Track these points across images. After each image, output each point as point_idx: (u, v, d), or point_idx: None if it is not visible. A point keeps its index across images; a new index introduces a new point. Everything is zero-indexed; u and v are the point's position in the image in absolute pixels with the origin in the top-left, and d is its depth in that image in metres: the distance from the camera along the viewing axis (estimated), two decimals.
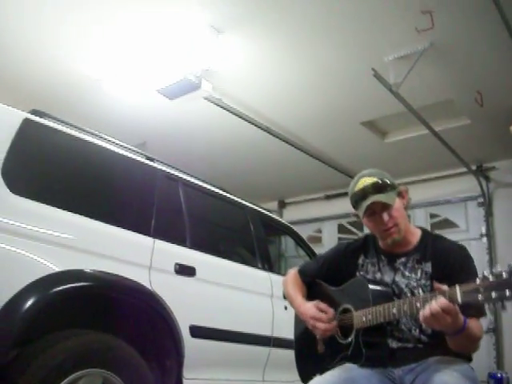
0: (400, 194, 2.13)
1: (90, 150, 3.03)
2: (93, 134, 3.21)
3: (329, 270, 2.31)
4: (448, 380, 1.70)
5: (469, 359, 1.97)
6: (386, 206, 2.05)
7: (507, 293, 1.54)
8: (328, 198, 7.96)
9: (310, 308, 2.16)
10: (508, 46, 4.01)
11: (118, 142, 3.37)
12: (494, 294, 1.57)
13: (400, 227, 2.06)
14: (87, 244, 2.69)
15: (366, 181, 2.09)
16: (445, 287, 1.70)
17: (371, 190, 2.06)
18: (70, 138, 2.94)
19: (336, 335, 2.12)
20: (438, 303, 1.67)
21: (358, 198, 2.09)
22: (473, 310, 1.77)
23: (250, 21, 4.19)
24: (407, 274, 2.07)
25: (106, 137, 3.32)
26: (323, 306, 2.14)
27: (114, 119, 5.66)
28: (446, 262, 2.01)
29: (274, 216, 4.77)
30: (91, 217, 2.77)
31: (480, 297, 1.59)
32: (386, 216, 2.05)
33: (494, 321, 6.05)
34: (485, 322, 5.94)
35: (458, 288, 1.65)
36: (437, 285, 1.73)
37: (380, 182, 2.08)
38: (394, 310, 1.86)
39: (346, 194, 6.92)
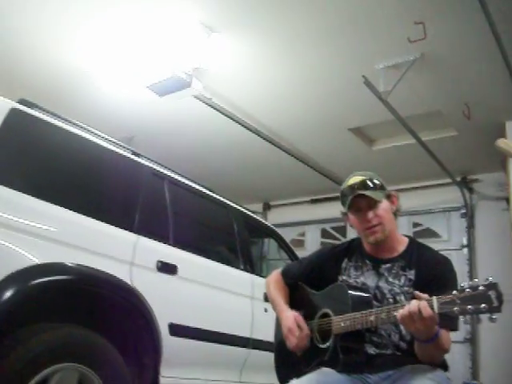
0: (389, 198, 2.14)
1: (76, 143, 3.01)
2: (80, 126, 3.18)
3: (312, 273, 2.31)
4: None
5: (445, 369, 1.99)
6: (371, 204, 2.06)
7: (482, 306, 1.56)
8: (313, 202, 7.98)
9: (290, 319, 2.16)
10: (497, 61, 4.05)
11: (105, 135, 3.35)
12: (469, 307, 1.58)
13: (384, 227, 2.07)
14: (69, 237, 2.67)
15: (356, 178, 2.12)
16: (424, 295, 1.71)
17: (359, 186, 2.08)
18: (57, 130, 2.92)
19: (314, 339, 2.13)
20: (418, 303, 1.69)
21: (345, 194, 2.11)
22: (447, 321, 1.79)
23: (243, 22, 4.19)
24: (391, 280, 2.08)
25: (94, 130, 3.29)
26: (301, 322, 2.15)
27: (103, 113, 5.63)
28: (429, 271, 2.02)
29: (258, 218, 4.77)
30: (74, 210, 2.75)
31: (456, 309, 1.61)
32: (370, 213, 2.06)
33: (471, 331, 6.11)
34: (461, 332, 6.00)
35: (435, 299, 1.67)
36: (417, 293, 1.74)
37: (369, 180, 2.10)
38: (372, 318, 1.87)
39: (330, 198, 6.93)
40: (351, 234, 7.05)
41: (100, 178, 3.09)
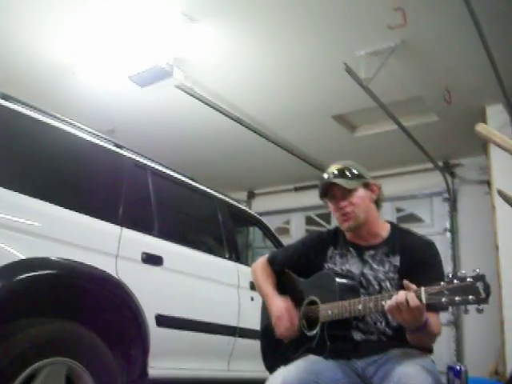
0: (368, 186, 2.17)
1: (56, 136, 2.98)
2: (60, 119, 3.15)
3: (298, 260, 2.32)
4: (409, 372, 1.73)
5: (430, 351, 2.02)
6: (345, 192, 2.10)
7: (470, 298, 1.59)
8: (297, 189, 8.00)
9: (280, 307, 2.19)
10: (477, 46, 4.07)
11: (86, 128, 3.31)
12: (457, 298, 1.62)
13: (357, 215, 2.10)
14: (53, 231, 2.65)
15: (332, 167, 2.17)
16: (413, 286, 1.73)
17: (333, 174, 2.13)
18: (37, 123, 2.88)
19: (302, 326, 2.15)
20: (405, 293, 1.71)
21: (319, 182, 2.17)
22: (435, 305, 1.81)
23: (224, 11, 4.16)
24: (375, 266, 2.10)
25: (75, 123, 3.26)
26: (292, 310, 2.17)
27: (84, 105, 5.58)
28: (414, 256, 2.05)
29: (242, 206, 4.78)
30: (58, 204, 2.73)
31: (444, 300, 1.64)
32: (343, 201, 2.11)
33: (455, 314, 6.20)
34: (446, 315, 6.08)
35: (423, 289, 1.70)
36: (406, 282, 1.77)
37: (345, 169, 2.14)
38: (360, 307, 1.90)
39: (314, 186, 6.96)
40: (335, 221, 7.09)
41: (82, 171, 3.07)
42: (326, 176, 2.16)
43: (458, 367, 1.88)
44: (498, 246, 5.01)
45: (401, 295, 1.72)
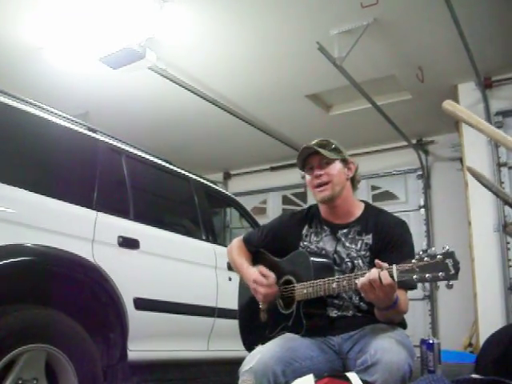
0: (346, 162, 2.20)
1: (28, 121, 2.92)
2: (31, 103, 3.10)
3: (273, 240, 2.34)
4: (385, 345, 1.77)
5: (404, 326, 2.07)
6: (323, 163, 2.13)
7: (440, 274, 1.63)
8: (273, 169, 8.04)
9: (254, 272, 2.20)
10: (449, 25, 4.11)
11: (57, 112, 3.27)
12: (428, 275, 1.66)
13: (333, 187, 2.12)
14: (27, 218, 2.62)
15: (314, 141, 2.20)
16: (384, 264, 1.77)
17: (314, 145, 2.15)
18: (7, 108, 2.82)
19: (278, 305, 2.18)
20: (377, 271, 1.75)
21: (300, 153, 2.18)
22: (406, 282, 1.85)
23: None
24: (348, 244, 2.13)
25: (46, 107, 3.20)
26: (265, 271, 2.18)
27: (55, 88, 5.48)
28: (386, 235, 2.09)
29: (218, 188, 4.78)
30: (31, 190, 2.70)
31: (415, 277, 1.68)
32: (321, 171, 2.13)
33: (429, 288, 6.32)
34: (421, 290, 6.21)
35: (394, 267, 1.73)
36: (377, 261, 1.80)
37: (325, 141, 2.18)
38: (334, 285, 1.93)
39: (290, 165, 6.99)
40: (311, 199, 7.14)
41: (56, 157, 3.03)
42: (304, 147, 2.16)
43: (430, 340, 1.92)
44: (471, 221, 5.11)
45: (373, 273, 1.76)
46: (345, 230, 2.17)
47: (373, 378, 1.70)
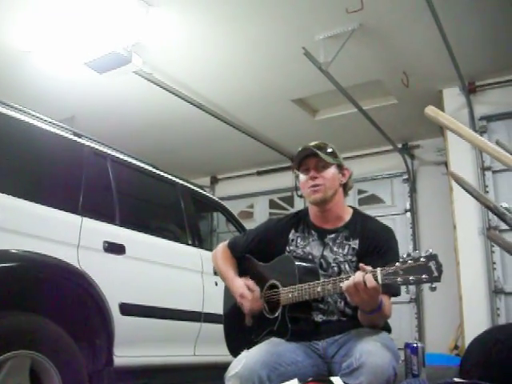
0: (341, 168, 2.23)
1: (12, 126, 2.91)
2: (16, 108, 3.08)
3: (259, 245, 2.35)
4: (370, 349, 1.79)
5: (388, 331, 2.09)
6: (319, 166, 2.15)
7: (423, 277, 1.66)
8: (260, 173, 8.05)
9: (240, 286, 2.21)
10: (433, 30, 4.15)
11: (42, 117, 3.25)
12: (411, 278, 1.68)
13: (326, 190, 2.15)
14: (12, 224, 2.61)
15: (312, 143, 2.22)
16: (368, 268, 1.79)
17: (314, 147, 2.17)
18: None
19: (263, 310, 2.19)
20: (362, 274, 1.77)
21: (298, 153, 2.19)
22: (389, 287, 1.88)
23: None
24: (335, 249, 2.15)
25: (31, 111, 3.19)
26: (251, 284, 2.20)
27: (41, 93, 5.45)
28: (372, 240, 2.12)
29: (204, 192, 4.77)
30: (16, 195, 2.68)
31: (399, 279, 1.71)
32: (316, 173, 2.15)
33: (416, 292, 6.36)
34: (406, 294, 6.22)
35: (379, 270, 1.76)
36: (361, 265, 1.82)
37: (324, 145, 2.21)
38: (319, 289, 1.95)
39: (277, 170, 7.00)
40: (299, 203, 7.17)
41: (41, 162, 3.01)
42: (303, 148, 2.19)
43: (414, 344, 1.94)
44: (456, 225, 5.15)
45: (358, 276, 1.78)
46: (333, 235, 2.19)
47: (358, 381, 1.72)
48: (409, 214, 6.81)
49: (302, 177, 2.21)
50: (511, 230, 2.18)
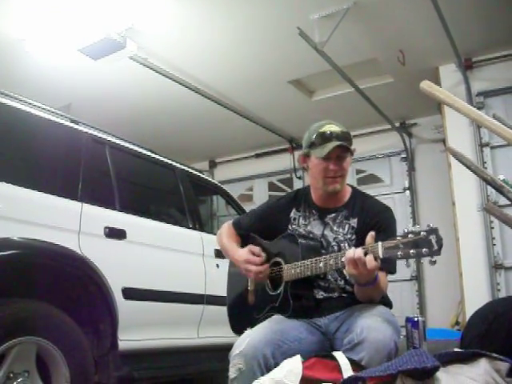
0: (352, 154, 2.21)
1: (10, 115, 2.91)
2: (12, 97, 3.08)
3: (261, 224, 2.36)
4: (371, 324, 1.81)
5: (390, 306, 2.11)
6: (341, 156, 2.13)
7: (424, 250, 1.67)
8: (258, 156, 8.04)
9: (244, 252, 2.23)
10: (428, 7, 4.12)
11: (40, 105, 3.25)
12: (412, 251, 1.69)
13: (344, 180, 2.17)
14: (13, 212, 2.63)
15: (334, 127, 2.16)
16: (370, 241, 1.82)
17: (340, 135, 2.13)
18: None
19: (266, 287, 2.21)
20: (363, 249, 1.80)
21: (324, 138, 2.12)
22: (386, 264, 1.90)
23: None
24: (335, 228, 2.17)
25: (28, 100, 3.19)
26: (256, 249, 2.22)
27: (37, 81, 5.42)
28: (370, 219, 2.13)
29: (203, 176, 4.79)
30: (16, 184, 2.69)
31: (399, 253, 1.72)
32: (338, 164, 2.13)
33: (417, 269, 6.40)
34: (408, 271, 6.27)
35: (380, 244, 1.77)
36: (367, 239, 1.84)
37: (348, 135, 2.16)
38: (321, 264, 1.97)
39: (275, 152, 6.97)
40: (298, 185, 7.18)
41: (39, 150, 3.03)
42: (331, 133, 2.12)
43: (415, 319, 1.96)
44: (455, 201, 5.16)
45: (358, 252, 1.81)
46: (333, 215, 2.20)
47: (359, 356, 1.74)
48: (408, 192, 6.81)
49: (319, 161, 2.14)
50: (510, 204, 2.19)
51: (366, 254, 1.80)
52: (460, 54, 4.94)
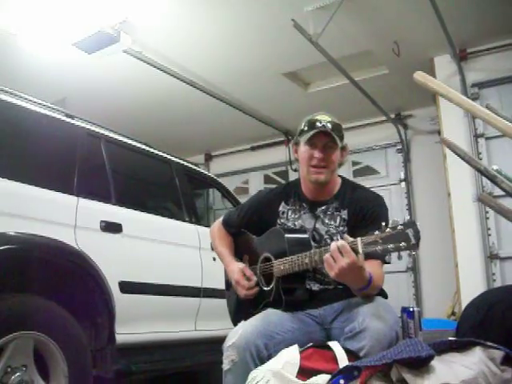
0: (343, 150, 2.21)
1: (5, 110, 2.91)
2: (7, 92, 3.07)
3: (251, 219, 2.36)
4: (373, 312, 1.81)
5: (385, 297, 2.11)
6: (327, 146, 2.12)
7: (402, 245, 1.66)
8: (254, 149, 8.04)
9: (236, 272, 2.24)
10: None
11: (34, 99, 3.25)
12: (390, 246, 1.67)
13: (328, 172, 2.14)
14: (9, 206, 2.62)
15: (326, 117, 2.16)
16: (349, 238, 1.80)
17: (329, 124, 2.12)
18: None
19: (260, 283, 2.22)
20: (336, 242, 1.79)
21: (311, 124, 2.13)
22: (378, 254, 1.89)
23: None
24: (327, 221, 2.17)
25: (22, 94, 3.18)
26: (248, 271, 2.23)
27: (31, 76, 5.39)
28: (360, 210, 2.12)
29: (199, 169, 4.79)
30: (12, 179, 2.69)
31: (378, 248, 1.70)
32: (323, 153, 2.12)
33: (413, 261, 6.42)
34: (404, 262, 6.30)
35: (359, 240, 1.76)
36: (345, 236, 1.85)
37: (338, 126, 2.16)
38: (307, 260, 1.97)
39: (270, 144, 6.97)
40: (293, 177, 7.18)
41: (35, 144, 3.02)
42: (318, 120, 2.13)
43: (410, 309, 1.98)
44: (450, 193, 5.18)
45: (333, 245, 1.79)
46: (323, 207, 2.19)
47: (360, 345, 1.74)
48: (403, 183, 6.82)
49: (305, 149, 2.15)
50: (504, 194, 2.20)
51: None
52: (455, 44, 4.94)
